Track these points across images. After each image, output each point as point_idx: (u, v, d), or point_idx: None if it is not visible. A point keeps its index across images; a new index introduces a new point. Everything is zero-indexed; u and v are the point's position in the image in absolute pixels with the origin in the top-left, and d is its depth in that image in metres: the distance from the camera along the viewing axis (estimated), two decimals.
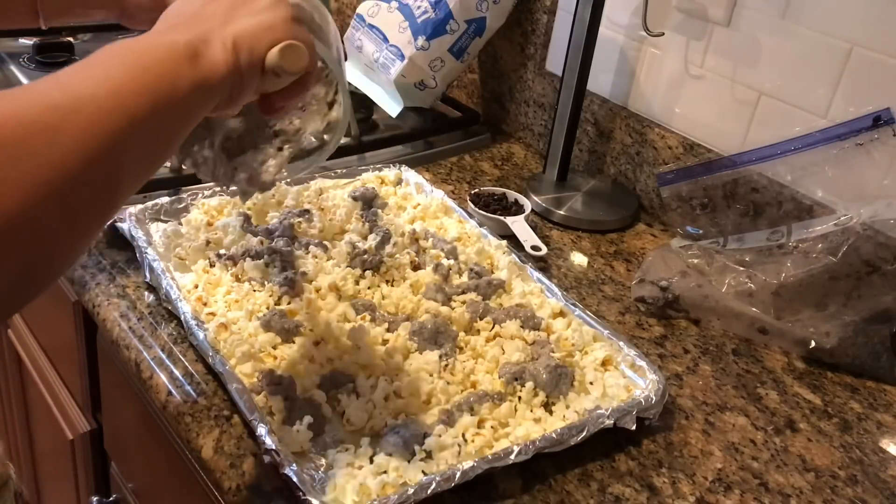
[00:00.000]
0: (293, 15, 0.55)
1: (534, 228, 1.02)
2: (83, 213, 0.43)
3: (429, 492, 0.62)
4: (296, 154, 0.68)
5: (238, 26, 0.53)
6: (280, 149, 0.66)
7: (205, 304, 0.79)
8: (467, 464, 0.64)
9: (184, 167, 0.66)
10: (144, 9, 0.64)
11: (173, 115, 0.49)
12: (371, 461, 0.65)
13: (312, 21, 0.61)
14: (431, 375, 0.74)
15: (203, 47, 0.51)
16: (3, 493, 0.69)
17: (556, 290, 0.87)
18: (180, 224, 0.91)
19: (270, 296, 0.82)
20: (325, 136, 0.69)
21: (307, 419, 0.67)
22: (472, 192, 1.07)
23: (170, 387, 0.73)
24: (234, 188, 0.66)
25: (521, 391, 0.73)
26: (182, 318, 0.77)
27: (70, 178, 0.41)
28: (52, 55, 1.29)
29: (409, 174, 1.08)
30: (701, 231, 1.03)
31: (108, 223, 0.60)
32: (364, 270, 0.87)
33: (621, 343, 0.80)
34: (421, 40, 1.18)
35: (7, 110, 0.40)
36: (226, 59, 0.51)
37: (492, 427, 0.69)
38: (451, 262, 0.90)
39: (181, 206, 0.94)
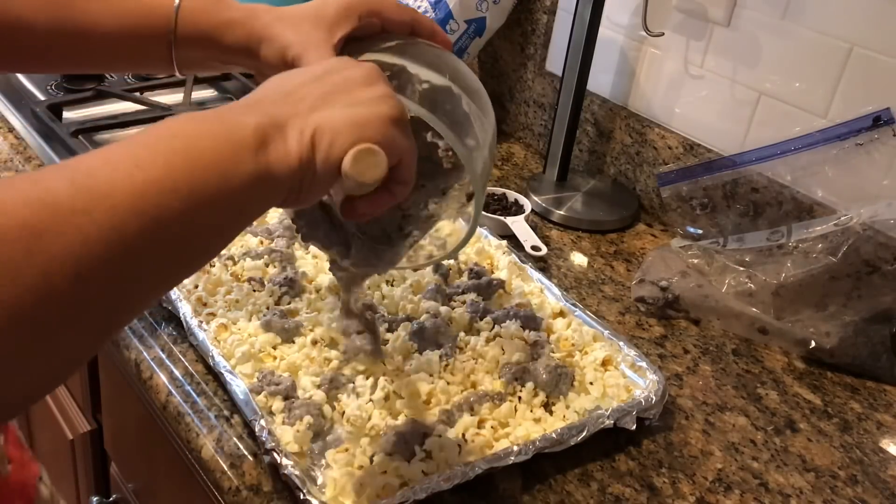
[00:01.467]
0: (395, 115, 0.47)
1: (534, 228, 1.02)
2: (62, 336, 0.35)
3: (429, 492, 0.62)
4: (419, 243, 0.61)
5: (325, 115, 0.45)
6: (408, 234, 0.60)
7: (205, 305, 0.79)
8: (467, 464, 0.64)
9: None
10: (277, 70, 0.56)
11: (216, 215, 0.41)
12: (371, 461, 0.65)
13: (441, 99, 0.54)
14: (431, 375, 0.74)
15: (275, 134, 0.43)
16: None
17: (556, 290, 0.87)
18: None
19: (270, 296, 0.82)
20: (456, 236, 0.61)
21: (307, 419, 0.67)
22: None
23: (170, 387, 0.73)
24: (342, 273, 0.60)
25: (521, 391, 0.73)
26: (182, 318, 0.77)
27: (47, 298, 0.33)
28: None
29: None
30: (701, 231, 1.03)
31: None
32: None
33: (621, 343, 0.80)
34: None
35: (9, 204, 0.33)
36: (299, 151, 0.44)
37: (492, 427, 0.69)
38: (451, 262, 0.90)
39: None
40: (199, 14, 0.60)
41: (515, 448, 0.66)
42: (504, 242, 0.93)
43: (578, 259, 1.02)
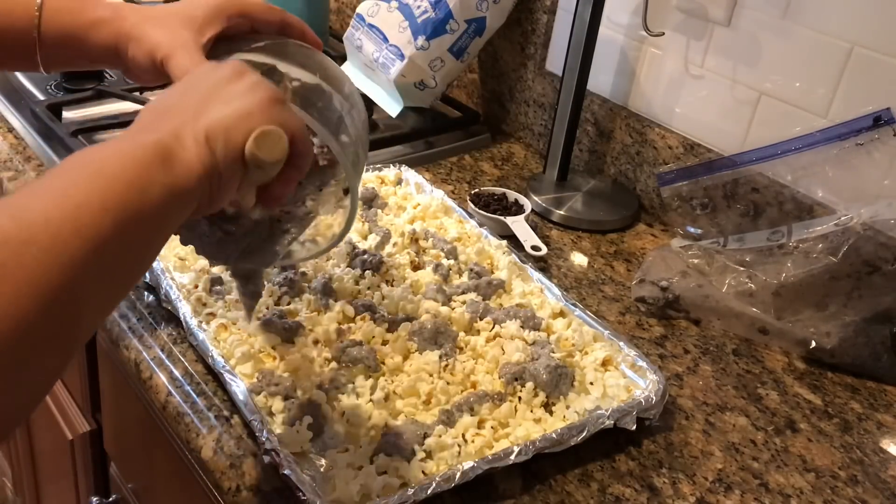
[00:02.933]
0: (273, 96, 0.50)
1: (534, 228, 1.02)
2: (36, 359, 0.37)
3: (429, 492, 0.62)
4: (302, 238, 0.63)
5: (210, 118, 0.48)
6: (286, 230, 0.62)
7: (204, 305, 0.79)
8: (467, 464, 0.64)
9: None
10: (145, 69, 0.60)
11: (144, 229, 0.44)
12: (371, 461, 0.65)
13: (314, 97, 0.56)
14: (431, 375, 0.74)
15: (175, 145, 0.46)
16: None
17: (556, 290, 0.87)
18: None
19: (270, 296, 0.81)
20: (336, 229, 0.64)
21: (307, 419, 0.67)
22: (472, 192, 1.07)
23: (170, 387, 0.73)
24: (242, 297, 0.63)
25: (521, 391, 0.73)
26: (182, 318, 0.77)
27: (21, 324, 0.36)
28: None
29: (409, 174, 1.08)
30: (701, 231, 1.03)
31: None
32: (364, 270, 0.87)
33: (621, 343, 0.80)
34: (421, 40, 1.18)
35: None
36: (199, 156, 0.46)
37: (492, 427, 0.69)
38: (451, 262, 0.90)
39: None
40: (64, 14, 0.60)
41: (515, 448, 0.66)
42: (504, 242, 0.93)
43: (578, 259, 1.02)
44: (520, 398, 0.73)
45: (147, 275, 0.83)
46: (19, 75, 1.23)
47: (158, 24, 0.59)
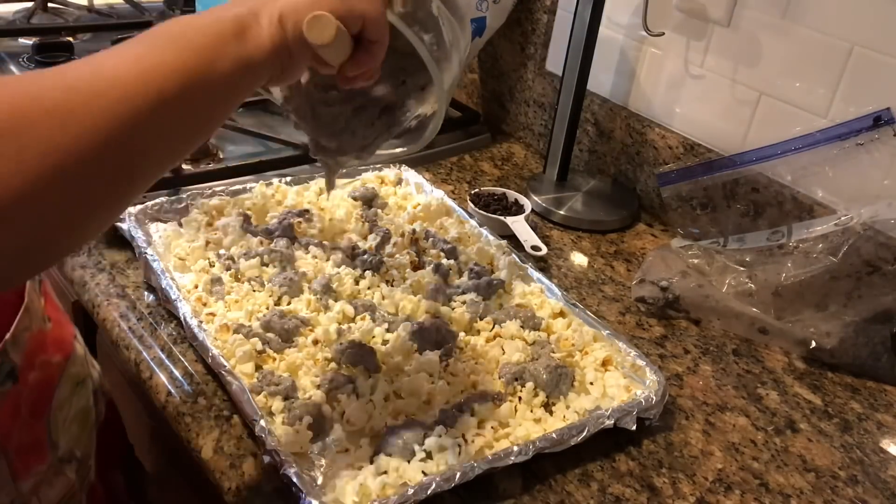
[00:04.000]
0: None
1: (534, 228, 1.02)
2: (93, 197, 0.43)
3: (429, 492, 0.61)
4: (397, 132, 0.66)
5: (286, 1, 0.51)
6: (388, 124, 0.65)
7: (205, 305, 0.79)
8: (467, 464, 0.64)
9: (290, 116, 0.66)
10: None
11: (210, 95, 0.48)
12: (371, 461, 0.65)
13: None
14: (431, 375, 0.74)
15: (252, 22, 0.50)
16: (79, 390, 0.71)
17: (556, 290, 0.87)
18: (180, 224, 0.91)
19: (270, 296, 0.81)
20: (427, 120, 0.67)
21: (307, 419, 0.67)
22: (472, 192, 1.07)
23: (170, 387, 0.73)
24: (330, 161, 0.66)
25: (521, 391, 0.73)
26: (182, 318, 0.77)
27: (81, 163, 0.41)
28: (52, 55, 1.29)
29: (409, 174, 1.08)
30: (701, 231, 1.03)
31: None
32: (364, 270, 0.87)
33: (621, 343, 0.80)
34: None
35: (27, 90, 0.41)
36: (271, 34, 0.50)
37: (492, 427, 0.69)
38: (451, 262, 0.90)
39: (181, 206, 0.93)
40: None
41: (515, 448, 0.66)
42: (504, 242, 0.93)
43: (578, 259, 1.02)
44: (520, 398, 0.73)
45: (147, 275, 0.83)
46: (13, 69, 1.23)
47: None
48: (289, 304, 0.81)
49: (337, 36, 0.52)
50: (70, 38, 1.36)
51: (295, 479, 0.61)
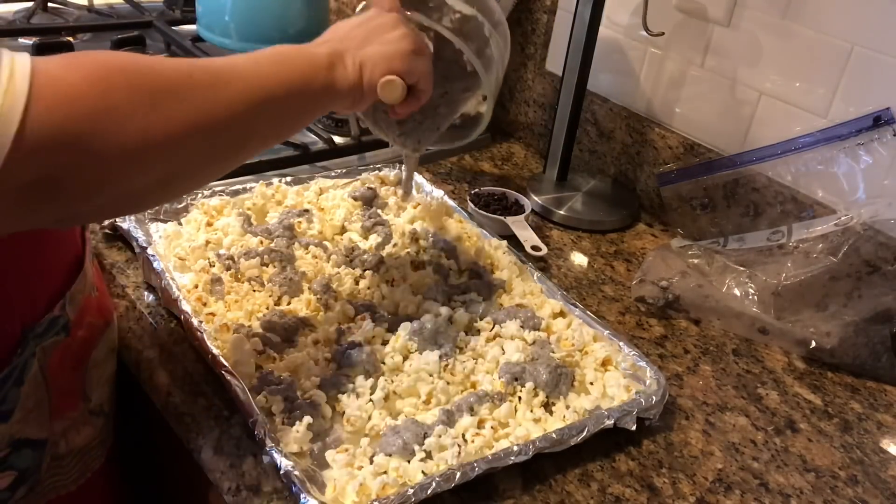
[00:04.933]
0: (412, 49, 0.68)
1: (534, 228, 1.02)
2: (219, 150, 0.57)
3: (429, 492, 0.61)
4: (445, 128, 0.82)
5: (367, 51, 0.67)
6: (441, 117, 0.80)
7: (205, 304, 0.79)
8: (467, 464, 0.64)
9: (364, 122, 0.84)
10: None
11: (301, 104, 0.63)
12: (371, 461, 0.65)
13: (467, 26, 0.74)
14: (431, 375, 0.74)
15: (338, 61, 0.65)
16: (112, 356, 0.77)
17: (556, 290, 0.87)
18: (180, 224, 0.91)
19: (270, 296, 0.81)
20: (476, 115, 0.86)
21: (307, 419, 0.67)
22: (472, 192, 1.07)
23: (170, 387, 0.73)
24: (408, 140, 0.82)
25: (521, 391, 0.73)
26: (182, 318, 0.77)
27: (215, 123, 0.54)
28: (52, 55, 1.29)
29: None
30: (698, 230, 1.03)
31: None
32: (364, 270, 0.87)
33: (621, 343, 0.80)
34: None
35: (189, 66, 0.54)
36: (352, 74, 0.66)
37: (492, 427, 0.69)
38: (451, 262, 0.90)
39: (181, 205, 0.93)
40: None
41: (515, 448, 0.66)
42: (504, 242, 0.93)
43: (578, 259, 1.02)
44: (520, 398, 0.73)
45: (147, 274, 0.83)
46: None
47: None
48: (289, 304, 0.81)
49: (401, 96, 0.69)
50: (70, 38, 1.36)
51: (295, 479, 0.61)
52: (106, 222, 0.89)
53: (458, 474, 0.63)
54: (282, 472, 0.62)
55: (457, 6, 0.74)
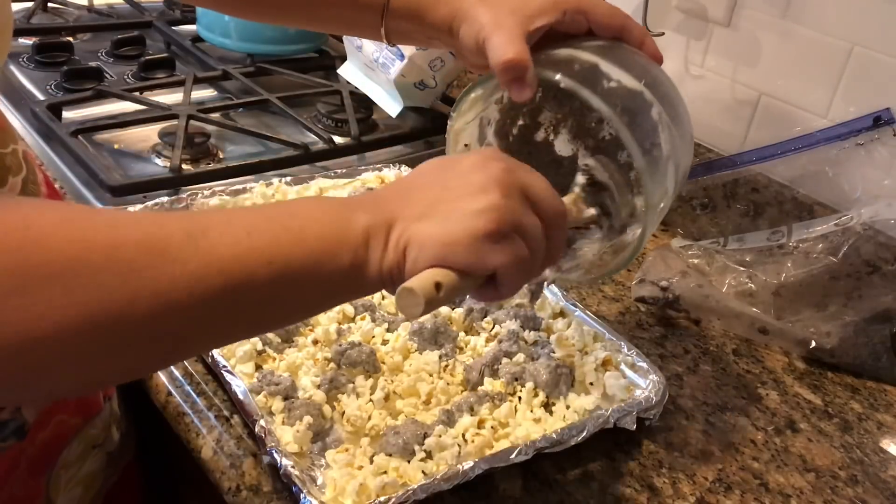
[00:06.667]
0: (493, 230, 0.45)
1: None
2: (126, 356, 0.40)
3: (429, 492, 0.61)
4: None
5: (422, 228, 0.46)
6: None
7: None
8: (467, 464, 0.64)
9: None
10: (471, 50, 0.61)
11: (302, 294, 0.44)
12: (371, 461, 0.65)
13: (633, 104, 0.53)
14: (431, 375, 0.74)
15: (379, 235, 0.45)
16: (94, 453, 0.69)
17: (556, 290, 0.87)
18: None
19: None
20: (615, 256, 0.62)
21: (307, 419, 0.67)
22: None
23: (170, 387, 0.73)
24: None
25: (521, 391, 0.73)
26: None
27: (125, 321, 0.38)
28: (52, 55, 1.29)
29: None
30: (698, 230, 1.03)
31: None
32: None
33: (621, 343, 0.79)
34: None
35: (111, 238, 0.38)
36: (389, 260, 0.45)
37: (492, 427, 0.69)
38: None
39: (181, 206, 0.93)
40: None
41: (515, 448, 0.66)
42: None
43: None
44: (520, 398, 0.73)
45: None
46: (19, 76, 1.23)
47: (490, 6, 0.59)
48: None
49: (426, 311, 0.44)
50: (70, 38, 1.36)
51: (295, 479, 0.61)
52: None
53: (458, 474, 0.63)
54: (282, 472, 0.62)
55: (614, 74, 0.54)
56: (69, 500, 0.66)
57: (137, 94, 1.19)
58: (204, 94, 1.27)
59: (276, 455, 0.62)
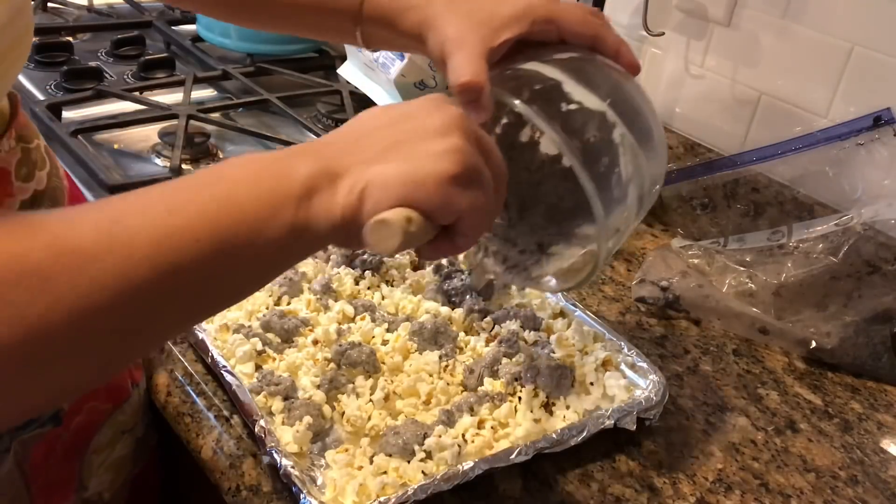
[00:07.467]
0: (457, 173, 0.43)
1: None
2: (56, 374, 0.36)
3: (429, 492, 0.61)
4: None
5: (380, 170, 0.43)
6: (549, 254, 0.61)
7: None
8: (467, 464, 0.64)
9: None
10: (438, 62, 0.58)
11: (243, 265, 0.40)
12: (371, 461, 0.65)
13: (585, 126, 0.51)
14: (431, 375, 0.74)
15: (325, 185, 0.42)
16: (123, 438, 0.70)
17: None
18: None
19: (270, 296, 0.81)
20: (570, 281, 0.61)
21: (307, 419, 0.67)
22: None
23: (170, 387, 0.73)
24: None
25: (521, 391, 0.73)
26: None
27: (46, 336, 0.34)
28: (52, 55, 1.29)
29: None
30: (698, 230, 1.03)
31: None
32: (364, 271, 0.87)
33: (622, 343, 0.79)
34: None
35: (17, 248, 0.35)
36: (344, 205, 0.42)
37: (492, 427, 0.69)
38: (451, 262, 0.90)
39: None
40: None
41: (515, 448, 0.66)
42: None
43: None
44: (520, 398, 0.73)
45: None
46: (19, 76, 1.23)
47: (457, 17, 0.56)
48: (289, 304, 0.81)
49: (402, 245, 0.42)
50: (70, 38, 1.36)
51: (295, 480, 0.61)
52: None
53: (458, 474, 0.63)
54: (281, 472, 0.62)
55: (577, 95, 0.51)
56: (100, 484, 0.67)
57: (137, 94, 1.19)
58: (204, 93, 1.27)
59: (275, 455, 0.62)
